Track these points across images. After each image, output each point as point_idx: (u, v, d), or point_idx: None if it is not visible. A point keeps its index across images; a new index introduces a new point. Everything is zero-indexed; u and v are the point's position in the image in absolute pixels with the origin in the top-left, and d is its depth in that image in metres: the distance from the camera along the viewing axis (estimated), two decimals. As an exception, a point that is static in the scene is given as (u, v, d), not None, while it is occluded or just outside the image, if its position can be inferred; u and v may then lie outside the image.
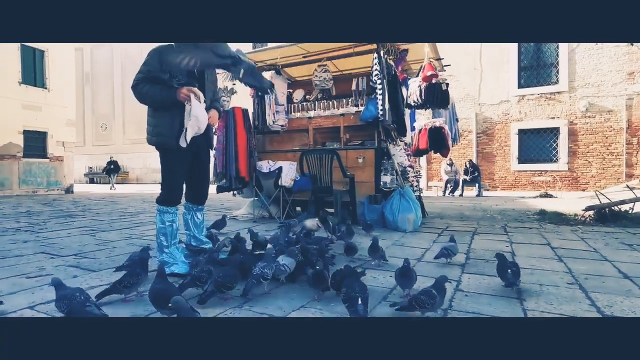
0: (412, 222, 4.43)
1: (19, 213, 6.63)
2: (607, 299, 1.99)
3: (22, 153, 12.84)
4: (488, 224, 4.99)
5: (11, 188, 12.54)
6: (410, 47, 5.27)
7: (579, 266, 2.70)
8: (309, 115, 5.86)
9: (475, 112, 13.79)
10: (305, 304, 1.93)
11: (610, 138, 12.00)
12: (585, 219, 5.01)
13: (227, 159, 5.17)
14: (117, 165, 18.53)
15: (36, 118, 13.21)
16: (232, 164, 5.13)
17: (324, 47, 5.28)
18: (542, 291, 2.13)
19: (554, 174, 12.67)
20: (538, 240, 3.74)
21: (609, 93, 11.97)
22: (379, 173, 4.91)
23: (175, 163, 2.58)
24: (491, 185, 13.44)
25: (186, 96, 2.40)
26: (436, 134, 4.85)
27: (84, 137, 26.11)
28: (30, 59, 13.08)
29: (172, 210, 2.61)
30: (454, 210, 6.92)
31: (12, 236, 4.08)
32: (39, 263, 2.77)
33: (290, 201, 5.32)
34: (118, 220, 5.60)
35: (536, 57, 13.21)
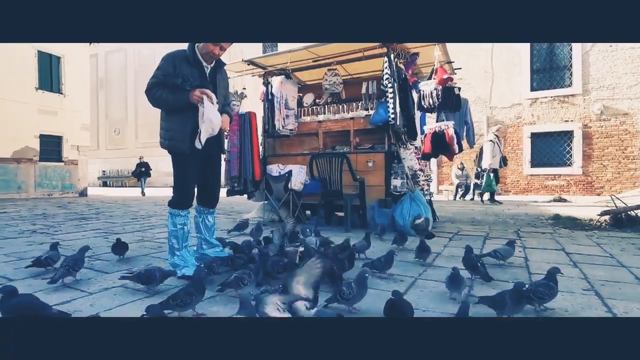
0: (423, 226, 4.39)
1: (35, 215, 6.77)
2: (624, 306, 1.94)
3: (39, 157, 13.13)
4: (500, 229, 4.92)
5: (27, 191, 12.82)
6: (420, 51, 5.24)
7: (594, 272, 2.64)
8: (319, 119, 5.87)
9: (487, 116, 13.65)
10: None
11: (626, 141, 11.75)
12: (601, 224, 4.91)
13: (243, 163, 5.24)
14: (148, 167, 15.73)
15: (52, 122, 13.51)
16: (249, 167, 5.21)
17: (333, 51, 5.29)
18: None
19: (568, 178, 12.45)
20: (552, 246, 3.67)
21: (624, 96, 11.74)
22: (389, 177, 4.89)
23: (188, 166, 2.61)
24: (503, 190, 13.26)
25: (199, 98, 2.43)
26: (439, 138, 4.81)
27: (97, 141, 26.60)
28: (46, 65, 13.40)
29: (183, 213, 2.63)
30: (465, 215, 6.85)
31: (28, 238, 4.17)
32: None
33: (300, 205, 5.32)
34: (130, 222, 5.68)
35: (549, 59, 13.04)
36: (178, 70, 2.49)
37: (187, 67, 2.52)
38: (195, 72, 2.55)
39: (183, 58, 2.54)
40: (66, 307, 1.94)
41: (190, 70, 2.53)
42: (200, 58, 2.57)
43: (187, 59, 2.54)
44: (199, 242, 2.93)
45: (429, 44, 4.94)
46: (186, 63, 2.53)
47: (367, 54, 5.19)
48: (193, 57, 2.55)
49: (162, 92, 2.47)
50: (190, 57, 2.54)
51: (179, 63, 2.51)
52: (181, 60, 2.52)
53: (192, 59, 2.54)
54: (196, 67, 2.56)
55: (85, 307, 1.95)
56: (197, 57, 2.56)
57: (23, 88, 12.63)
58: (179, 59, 2.52)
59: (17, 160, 12.57)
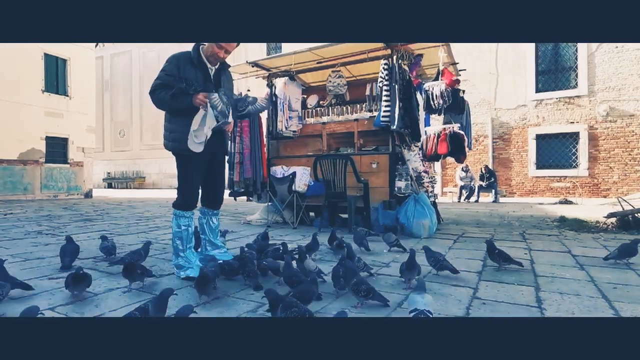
0: (427, 228, 4.37)
1: (41, 216, 6.82)
2: (632, 309, 1.92)
3: (44, 159, 13.22)
4: (505, 231, 4.89)
5: (33, 192, 12.91)
6: (424, 52, 5.23)
7: (601, 274, 2.61)
8: (323, 121, 5.87)
9: (491, 117, 13.59)
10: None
11: (633, 143, 11.64)
12: (607, 226, 4.86)
13: (255, 164, 5.28)
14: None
15: (58, 125, 13.61)
16: (259, 169, 5.26)
17: (337, 53, 5.29)
18: (563, 300, 2.07)
19: (574, 180, 12.35)
20: (558, 248, 3.64)
21: (631, 97, 11.64)
22: (393, 178, 4.87)
23: (192, 168, 2.62)
24: (508, 192, 13.18)
25: (202, 102, 2.44)
26: (456, 139, 4.79)
27: (102, 143, 26.75)
28: (53, 68, 13.51)
29: (188, 215, 2.64)
30: (470, 217, 6.81)
31: (34, 239, 4.20)
32: (60, 265, 2.83)
33: (303, 206, 5.32)
34: (135, 224, 5.70)
35: (554, 60, 12.96)
36: (182, 72, 2.49)
37: (192, 68, 2.53)
38: (199, 73, 2.55)
39: (188, 59, 2.54)
40: (71, 308, 1.95)
41: (195, 72, 2.54)
42: (205, 60, 2.58)
43: (191, 60, 2.54)
44: (204, 244, 2.93)
45: (433, 45, 4.92)
46: (191, 65, 2.53)
47: (371, 56, 5.18)
48: (198, 58, 2.56)
49: (166, 94, 2.48)
50: (195, 58, 2.55)
51: (183, 64, 2.51)
52: (186, 61, 2.53)
53: (196, 61, 2.55)
54: (200, 68, 2.57)
55: (90, 308, 1.95)
56: (202, 59, 2.57)
57: (29, 90, 12.74)
58: (183, 60, 2.53)
59: (23, 162, 12.67)
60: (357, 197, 4.76)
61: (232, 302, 2.05)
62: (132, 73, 26.28)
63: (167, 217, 6.62)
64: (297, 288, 1.93)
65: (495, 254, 2.73)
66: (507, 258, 2.71)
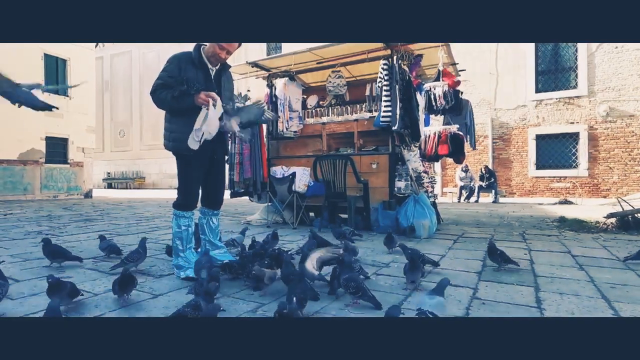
0: (427, 228, 4.37)
1: (41, 217, 6.82)
2: (631, 309, 1.92)
3: (44, 159, 13.22)
4: (505, 231, 4.89)
5: (33, 193, 12.91)
6: (424, 52, 5.24)
7: (601, 275, 2.61)
8: (323, 121, 5.87)
9: (491, 117, 13.59)
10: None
11: (632, 143, 11.65)
12: (607, 227, 4.86)
13: (255, 165, 5.29)
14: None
15: (58, 125, 13.60)
16: (260, 169, 5.27)
17: (337, 53, 5.29)
18: (563, 300, 2.07)
19: (574, 180, 12.35)
20: (558, 248, 3.64)
21: (631, 97, 11.65)
22: (393, 179, 4.87)
23: (192, 168, 2.61)
24: (508, 192, 13.18)
25: (205, 101, 2.43)
26: (456, 140, 4.80)
27: (102, 143, 26.75)
28: (53, 68, 13.51)
29: (188, 215, 2.64)
30: (470, 217, 6.81)
31: (34, 239, 4.19)
32: (59, 266, 2.82)
33: (303, 206, 5.32)
34: (135, 224, 5.70)
35: (554, 61, 12.97)
36: (183, 72, 2.49)
37: (192, 69, 2.53)
38: (200, 74, 2.55)
39: (189, 60, 2.54)
40: (70, 308, 1.95)
41: (195, 72, 2.53)
42: (206, 60, 2.58)
43: (192, 60, 2.55)
44: (203, 244, 2.93)
45: (433, 46, 4.93)
46: (191, 65, 2.53)
47: (371, 56, 5.18)
48: (199, 59, 2.56)
49: (167, 94, 2.47)
50: (196, 59, 2.55)
51: (184, 65, 2.51)
52: (187, 62, 2.53)
53: (197, 61, 2.55)
54: (201, 69, 2.57)
55: (90, 308, 1.95)
56: (203, 59, 2.57)
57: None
58: (184, 60, 2.53)
59: (23, 162, 12.66)
60: (357, 198, 4.76)
61: (232, 302, 2.05)
62: (132, 73, 26.29)
63: (167, 217, 6.62)
64: (294, 286, 1.92)
65: (497, 254, 2.72)
66: (507, 259, 2.72)
